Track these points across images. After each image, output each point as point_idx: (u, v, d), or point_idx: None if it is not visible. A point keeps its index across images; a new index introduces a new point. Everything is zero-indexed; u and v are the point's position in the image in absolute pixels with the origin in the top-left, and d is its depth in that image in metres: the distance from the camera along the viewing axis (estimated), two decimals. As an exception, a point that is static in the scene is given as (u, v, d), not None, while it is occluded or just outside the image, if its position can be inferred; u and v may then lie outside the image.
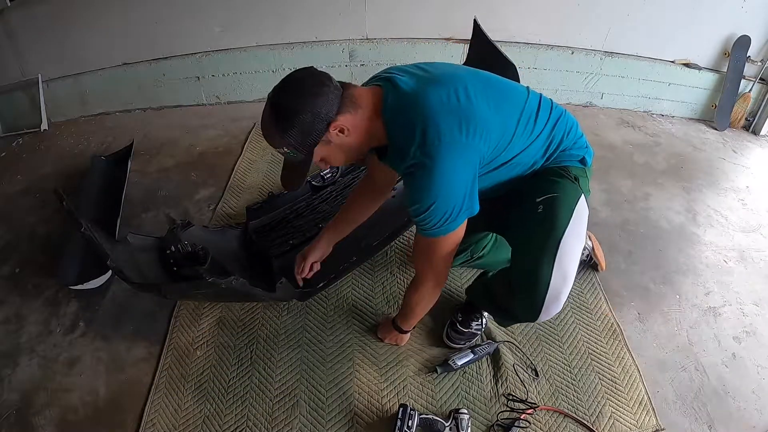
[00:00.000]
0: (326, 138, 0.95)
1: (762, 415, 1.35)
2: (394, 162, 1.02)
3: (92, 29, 2.50)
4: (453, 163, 0.91)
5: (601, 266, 1.67)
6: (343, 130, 0.94)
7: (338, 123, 0.93)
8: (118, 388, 1.39)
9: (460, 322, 1.43)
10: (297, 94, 0.93)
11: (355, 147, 0.99)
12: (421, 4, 2.60)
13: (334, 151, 0.98)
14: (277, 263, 1.64)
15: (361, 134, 0.97)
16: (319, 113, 0.91)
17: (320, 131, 0.93)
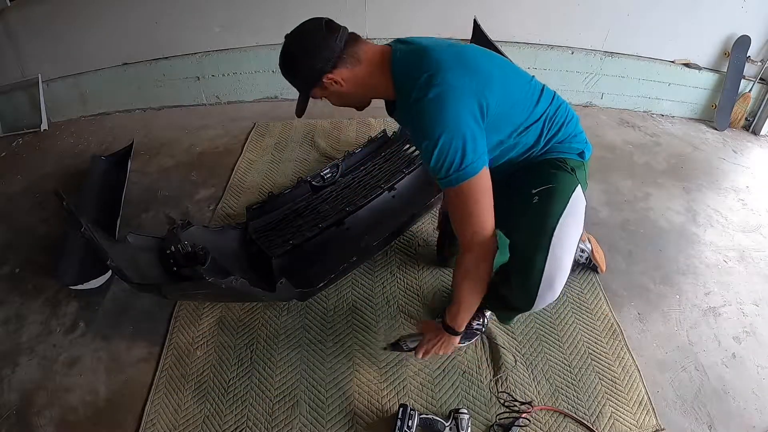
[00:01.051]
0: (322, 85, 1.06)
1: (762, 415, 1.35)
2: (402, 113, 1.10)
3: (92, 29, 2.50)
4: (455, 100, 0.94)
5: (601, 268, 1.66)
6: (336, 81, 1.04)
7: (332, 76, 1.03)
8: (118, 388, 1.39)
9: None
10: (299, 47, 1.05)
11: (350, 96, 1.09)
12: (420, 4, 2.60)
13: (331, 95, 1.10)
14: (277, 263, 1.64)
15: (358, 86, 1.06)
16: (313, 66, 1.03)
17: (314, 80, 1.05)
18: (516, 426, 1.26)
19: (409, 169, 1.94)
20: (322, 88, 1.07)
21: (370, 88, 1.08)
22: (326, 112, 2.74)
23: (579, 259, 1.63)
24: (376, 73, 1.05)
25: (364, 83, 1.06)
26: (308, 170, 2.19)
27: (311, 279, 1.51)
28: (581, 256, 1.64)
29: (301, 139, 2.48)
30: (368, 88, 1.07)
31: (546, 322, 1.55)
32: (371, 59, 1.05)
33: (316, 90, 1.08)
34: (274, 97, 2.86)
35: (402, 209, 1.78)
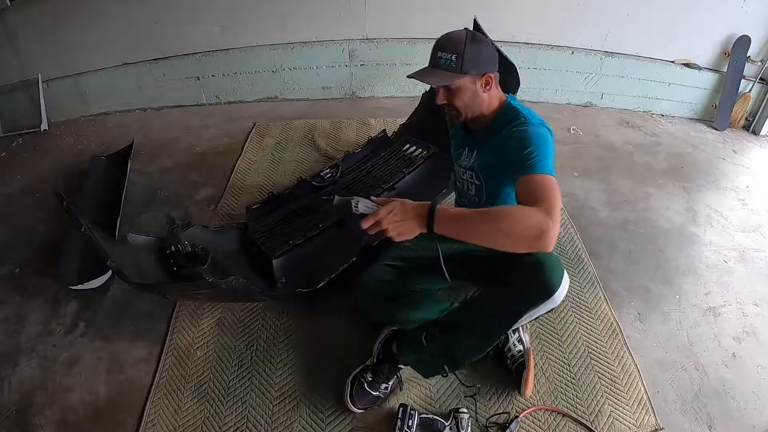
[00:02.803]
0: (476, 78, 1.16)
1: (762, 415, 1.35)
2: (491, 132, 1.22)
3: (92, 29, 2.51)
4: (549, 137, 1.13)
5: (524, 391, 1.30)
6: (489, 83, 1.18)
7: (490, 76, 1.17)
8: (118, 388, 1.39)
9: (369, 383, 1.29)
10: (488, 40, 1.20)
11: (477, 102, 1.20)
12: (420, 5, 2.60)
13: (468, 92, 1.18)
14: (277, 263, 1.64)
15: (490, 99, 1.21)
16: (489, 59, 1.18)
17: (481, 68, 1.16)
18: (515, 424, 1.26)
19: (409, 169, 1.94)
20: (474, 80, 1.16)
21: (488, 105, 1.22)
22: (326, 112, 2.74)
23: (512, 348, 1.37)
24: (496, 101, 1.23)
25: (490, 99, 1.21)
26: (308, 170, 2.19)
27: (311, 279, 1.51)
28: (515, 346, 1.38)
29: (301, 139, 2.48)
30: (489, 103, 1.22)
31: (546, 322, 1.55)
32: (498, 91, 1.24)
33: (467, 79, 1.15)
34: (274, 97, 2.86)
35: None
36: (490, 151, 1.23)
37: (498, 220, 0.95)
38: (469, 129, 1.31)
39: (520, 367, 1.33)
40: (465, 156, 1.33)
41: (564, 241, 1.86)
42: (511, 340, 1.38)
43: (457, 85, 1.16)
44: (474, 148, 1.30)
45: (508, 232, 0.94)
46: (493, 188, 1.27)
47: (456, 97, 1.18)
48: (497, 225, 0.95)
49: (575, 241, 1.86)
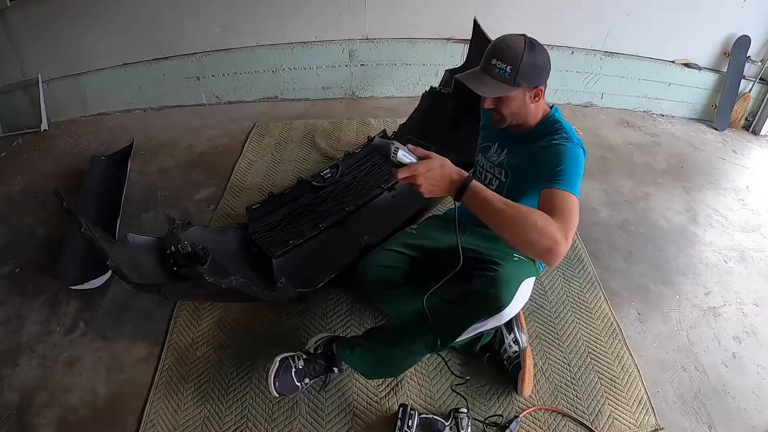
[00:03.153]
0: (526, 90, 1.16)
1: (762, 415, 1.35)
2: (528, 138, 1.24)
3: (92, 29, 2.50)
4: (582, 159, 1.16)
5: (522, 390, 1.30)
6: (538, 95, 1.18)
7: (541, 90, 1.18)
8: (118, 388, 1.39)
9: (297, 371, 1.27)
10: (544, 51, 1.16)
11: (524, 112, 1.21)
12: (421, 5, 2.60)
13: (517, 102, 1.18)
14: (277, 263, 1.64)
15: (537, 109, 1.23)
16: (544, 71, 1.17)
17: (534, 81, 1.16)
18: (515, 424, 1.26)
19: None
20: (522, 92, 1.16)
21: (534, 115, 1.23)
22: (325, 112, 2.74)
23: (508, 349, 1.36)
24: (541, 110, 1.25)
25: (537, 109, 1.23)
26: (308, 170, 2.19)
27: (311, 279, 1.51)
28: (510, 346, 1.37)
29: (301, 139, 2.48)
30: (535, 113, 1.23)
31: (546, 322, 1.55)
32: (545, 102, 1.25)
33: (518, 91, 1.15)
34: (274, 97, 2.86)
35: (402, 209, 1.78)
36: (523, 156, 1.25)
37: (520, 220, 0.95)
38: (508, 130, 1.30)
39: (516, 368, 1.33)
40: (494, 151, 1.34)
41: (564, 241, 1.86)
42: (507, 340, 1.36)
43: (507, 96, 1.16)
44: (505, 147, 1.32)
45: (525, 235, 0.95)
46: (517, 191, 1.25)
47: (504, 106, 1.19)
48: (517, 224, 0.95)
49: (575, 241, 1.86)
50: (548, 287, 1.67)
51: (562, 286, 1.68)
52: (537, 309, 1.58)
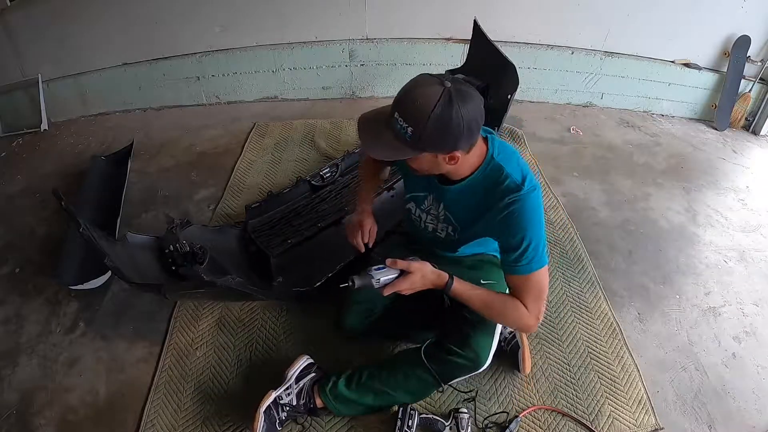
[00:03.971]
0: (436, 154, 0.96)
1: (762, 415, 1.35)
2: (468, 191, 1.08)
3: (92, 29, 2.50)
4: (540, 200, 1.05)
5: (524, 368, 1.37)
6: (454, 158, 0.97)
7: (459, 155, 0.96)
8: (118, 388, 1.39)
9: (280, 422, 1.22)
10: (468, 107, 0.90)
11: (439, 169, 1.03)
12: (421, 5, 2.60)
13: (427, 163, 0.99)
14: (275, 262, 1.64)
15: (456, 168, 1.02)
16: (460, 137, 0.92)
17: (444, 146, 0.94)
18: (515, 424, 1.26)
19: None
20: (434, 156, 0.96)
21: (456, 170, 1.04)
22: (325, 112, 2.74)
23: (504, 331, 1.40)
24: (471, 161, 1.03)
25: (460, 166, 1.02)
26: (308, 170, 2.19)
27: (309, 278, 1.51)
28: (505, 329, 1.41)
29: (301, 139, 2.48)
30: (457, 170, 1.04)
31: (546, 321, 1.55)
32: (477, 147, 1.02)
33: (426, 155, 0.95)
34: (274, 97, 2.86)
35: (400, 209, 1.78)
36: (467, 208, 1.11)
37: (497, 313, 1.11)
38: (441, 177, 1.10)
39: (515, 347, 1.37)
40: (430, 204, 1.18)
41: (564, 241, 1.86)
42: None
43: (416, 160, 0.97)
44: (441, 201, 1.15)
45: (501, 321, 1.17)
46: (468, 239, 1.19)
47: (411, 161, 0.99)
48: (494, 316, 1.13)
49: (575, 241, 1.86)
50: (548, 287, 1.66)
51: (562, 286, 1.68)
52: (537, 309, 1.58)
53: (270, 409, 1.19)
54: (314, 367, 1.29)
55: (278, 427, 1.21)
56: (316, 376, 1.28)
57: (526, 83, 1.62)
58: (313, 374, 1.28)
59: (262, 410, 1.17)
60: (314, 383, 1.26)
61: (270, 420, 1.19)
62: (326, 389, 1.23)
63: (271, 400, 1.19)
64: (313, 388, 1.25)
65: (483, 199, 1.06)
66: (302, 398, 1.24)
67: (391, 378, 1.22)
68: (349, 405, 1.24)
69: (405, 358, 1.28)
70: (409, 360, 1.25)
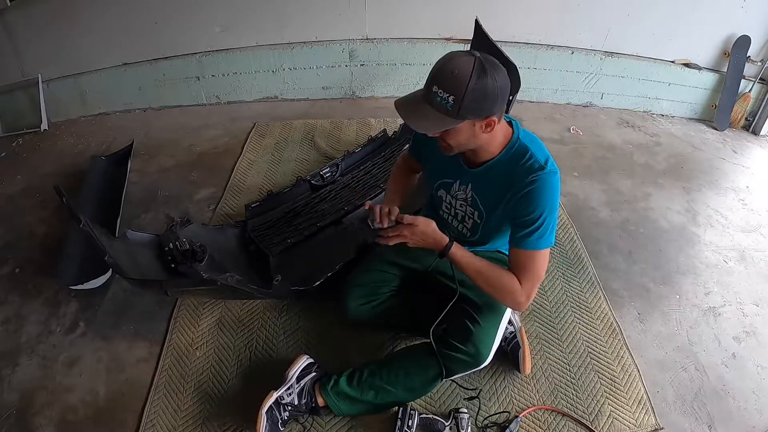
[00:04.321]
0: (474, 122, 1.00)
1: (762, 415, 1.35)
2: (495, 171, 1.12)
3: (92, 29, 2.50)
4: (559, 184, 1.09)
5: (524, 368, 1.36)
6: (491, 125, 1.01)
7: (493, 119, 1.00)
8: (118, 388, 1.39)
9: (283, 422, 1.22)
10: (498, 72, 0.97)
11: (475, 142, 1.06)
12: (421, 4, 2.60)
13: (464, 134, 1.03)
14: (275, 261, 1.64)
15: (493, 138, 1.07)
16: (496, 100, 0.98)
17: (483, 112, 0.98)
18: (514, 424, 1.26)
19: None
20: (473, 123, 1.00)
21: (489, 144, 1.09)
22: (325, 112, 2.74)
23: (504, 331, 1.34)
24: (500, 137, 1.09)
25: (493, 138, 1.07)
26: (308, 170, 2.19)
27: (309, 277, 1.51)
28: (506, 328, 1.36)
29: (301, 139, 2.48)
30: (490, 144, 1.09)
31: (546, 321, 1.55)
32: (503, 125, 1.09)
33: (464, 123, 0.99)
34: (274, 97, 2.86)
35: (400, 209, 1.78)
36: (494, 195, 1.13)
37: (491, 285, 1.12)
38: (463, 158, 1.16)
39: (516, 347, 1.37)
40: (457, 188, 1.21)
41: (564, 241, 1.86)
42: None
43: (456, 129, 1.01)
44: (469, 183, 1.18)
45: (493, 294, 1.14)
46: (491, 227, 1.20)
47: (449, 137, 1.04)
48: (488, 287, 1.12)
49: (575, 241, 1.86)
50: (548, 287, 1.66)
51: (562, 286, 1.68)
52: (537, 309, 1.58)
53: (272, 409, 1.19)
54: (315, 367, 1.30)
55: (281, 427, 1.21)
56: (317, 376, 1.28)
57: (526, 83, 1.63)
58: (313, 374, 1.28)
59: (264, 411, 1.17)
60: (315, 382, 1.26)
61: (272, 420, 1.19)
62: (327, 387, 1.23)
63: (273, 400, 1.20)
64: (314, 387, 1.25)
65: (508, 178, 1.09)
66: (303, 397, 1.24)
67: (392, 375, 1.22)
68: (351, 403, 1.24)
69: (406, 354, 1.28)
70: (410, 356, 1.25)
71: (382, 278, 1.40)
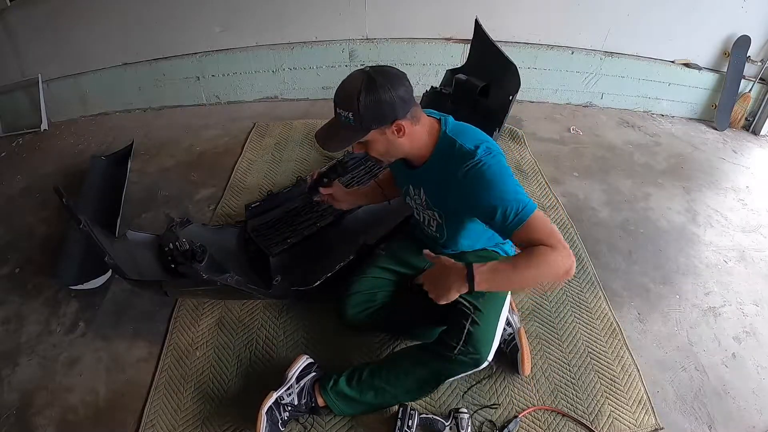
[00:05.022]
0: (383, 129, 1.05)
1: (762, 415, 1.35)
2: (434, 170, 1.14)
3: (92, 29, 2.51)
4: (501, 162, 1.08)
5: (523, 369, 1.36)
6: (400, 129, 1.06)
7: (400, 123, 1.05)
8: (118, 388, 1.39)
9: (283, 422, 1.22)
10: (391, 80, 1.02)
11: (397, 148, 1.10)
12: (421, 4, 2.60)
13: (381, 143, 1.08)
14: (274, 261, 1.64)
15: (410, 141, 1.10)
16: (394, 105, 1.02)
17: (387, 119, 1.04)
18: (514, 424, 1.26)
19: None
20: (380, 132, 1.05)
21: (413, 147, 1.12)
22: (325, 112, 2.74)
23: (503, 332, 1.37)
24: (425, 136, 1.12)
25: (414, 140, 1.10)
26: (308, 170, 2.19)
27: (308, 277, 1.51)
28: (505, 329, 1.38)
29: (301, 139, 2.48)
30: (415, 146, 1.12)
31: (545, 321, 1.55)
32: (425, 122, 1.12)
33: (373, 132, 1.05)
34: (274, 97, 2.86)
35: (399, 209, 1.78)
36: (443, 192, 1.15)
37: (535, 267, 1.00)
38: (407, 164, 1.20)
39: (515, 349, 1.37)
40: (413, 193, 1.25)
41: (564, 241, 1.86)
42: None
43: (366, 139, 1.06)
44: (419, 185, 1.21)
45: (545, 276, 1.01)
46: (455, 225, 1.22)
47: (370, 149, 1.09)
48: (535, 272, 1.00)
49: (575, 241, 1.86)
50: (548, 287, 1.67)
51: (562, 286, 1.68)
52: (537, 309, 1.58)
53: (272, 409, 1.19)
54: (314, 367, 1.30)
55: (281, 427, 1.21)
56: (317, 376, 1.28)
57: (526, 83, 1.62)
58: (313, 374, 1.28)
59: (264, 411, 1.17)
60: (315, 382, 1.26)
61: (272, 421, 1.19)
62: (327, 387, 1.23)
63: (273, 400, 1.20)
64: (314, 387, 1.25)
65: (445, 173, 1.10)
66: (303, 398, 1.24)
67: (391, 375, 1.22)
68: (351, 403, 1.24)
69: (405, 355, 1.28)
70: (409, 357, 1.25)
71: (377, 284, 1.40)
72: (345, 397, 1.23)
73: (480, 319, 1.18)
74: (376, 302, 1.39)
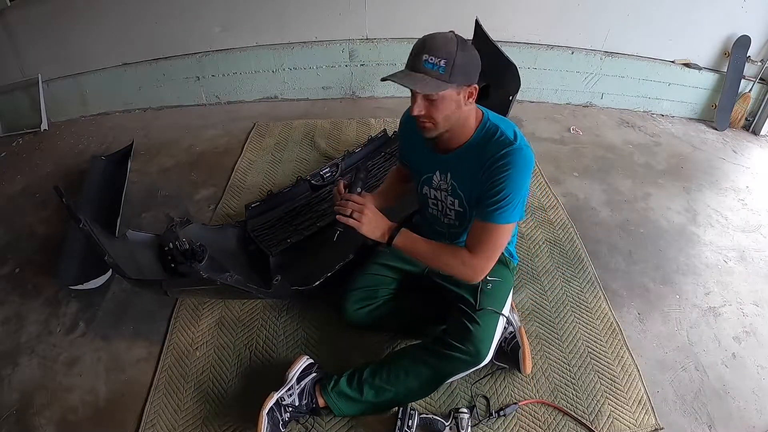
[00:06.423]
0: (460, 89, 1.06)
1: (762, 415, 1.35)
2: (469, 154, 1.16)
3: (92, 29, 2.51)
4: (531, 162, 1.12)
5: (525, 368, 1.33)
6: (472, 94, 1.08)
7: (475, 89, 1.08)
8: (118, 388, 1.39)
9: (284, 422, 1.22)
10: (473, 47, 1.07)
11: (458, 115, 1.10)
12: (421, 4, 2.60)
13: (451, 104, 1.07)
14: (274, 261, 1.64)
15: (470, 115, 1.13)
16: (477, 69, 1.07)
17: (469, 79, 1.06)
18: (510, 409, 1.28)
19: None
20: (458, 91, 1.06)
21: (465, 121, 1.13)
22: (325, 112, 2.74)
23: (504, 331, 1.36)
24: (472, 116, 1.15)
25: (468, 115, 1.13)
26: (308, 170, 2.19)
27: (308, 277, 1.51)
28: (505, 328, 1.37)
29: (301, 139, 2.48)
30: (464, 121, 1.13)
31: (546, 321, 1.55)
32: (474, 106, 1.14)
33: (452, 90, 1.04)
34: (274, 97, 2.86)
35: (399, 209, 1.78)
36: (468, 171, 1.15)
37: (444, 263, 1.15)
38: (438, 148, 1.20)
39: (516, 347, 1.36)
40: (438, 180, 1.24)
41: (564, 241, 1.86)
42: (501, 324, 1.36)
43: (442, 95, 1.04)
44: (447, 171, 1.21)
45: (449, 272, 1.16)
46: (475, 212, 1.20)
47: (437, 109, 1.07)
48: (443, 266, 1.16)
49: (575, 241, 1.86)
50: (548, 287, 1.67)
51: (562, 286, 1.68)
52: (537, 309, 1.58)
53: (273, 410, 1.19)
54: (315, 367, 1.30)
55: (282, 428, 1.21)
56: (318, 376, 1.28)
57: (526, 83, 1.62)
58: (314, 374, 1.28)
59: (265, 412, 1.17)
60: (316, 383, 1.26)
61: (273, 421, 1.19)
62: (328, 388, 1.23)
63: (274, 401, 1.20)
64: (314, 387, 1.25)
65: (481, 157, 1.12)
66: (304, 398, 1.24)
67: (392, 375, 1.23)
68: (351, 403, 1.24)
69: (406, 354, 1.28)
70: (409, 356, 1.25)
71: (379, 281, 1.41)
72: (346, 398, 1.23)
73: (480, 318, 1.19)
74: (377, 299, 1.40)
